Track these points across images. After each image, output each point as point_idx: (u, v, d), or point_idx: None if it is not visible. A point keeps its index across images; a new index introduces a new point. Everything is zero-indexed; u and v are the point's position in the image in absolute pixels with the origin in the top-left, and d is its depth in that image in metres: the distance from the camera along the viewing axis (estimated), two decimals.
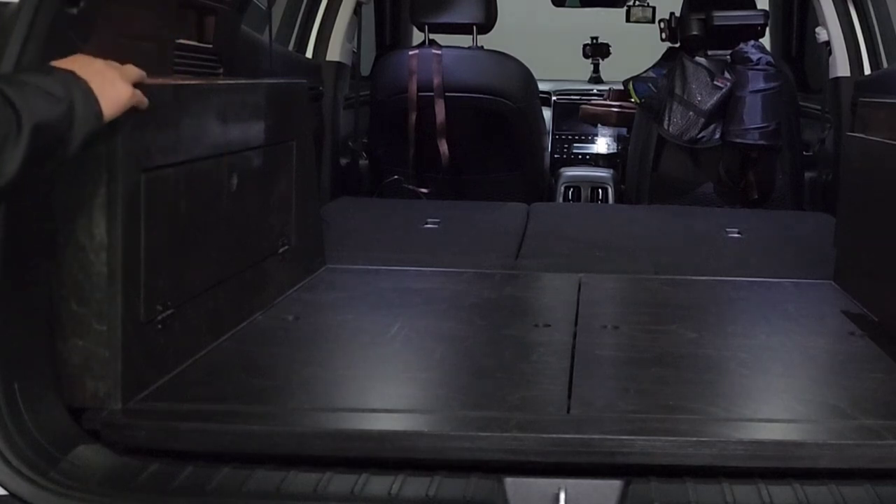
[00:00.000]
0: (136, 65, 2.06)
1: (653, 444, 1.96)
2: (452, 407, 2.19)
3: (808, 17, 5.70)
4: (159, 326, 2.25)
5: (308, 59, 4.72)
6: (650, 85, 5.18)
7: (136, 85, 2.04)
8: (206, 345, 2.48)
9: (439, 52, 5.00)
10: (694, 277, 3.41)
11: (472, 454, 1.97)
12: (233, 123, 2.68)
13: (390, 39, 6.23)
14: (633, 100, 5.34)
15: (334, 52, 4.82)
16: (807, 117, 5.12)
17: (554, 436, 1.99)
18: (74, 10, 2.05)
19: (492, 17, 5.10)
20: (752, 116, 4.79)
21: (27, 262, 1.98)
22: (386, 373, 2.47)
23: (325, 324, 2.85)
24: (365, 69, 5.58)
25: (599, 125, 6.28)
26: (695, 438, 1.98)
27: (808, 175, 4.94)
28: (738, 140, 4.83)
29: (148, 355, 2.20)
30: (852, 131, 3.53)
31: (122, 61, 2.03)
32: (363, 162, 5.20)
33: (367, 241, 3.89)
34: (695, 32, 5.18)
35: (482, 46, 5.16)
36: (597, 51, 7.12)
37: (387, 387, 2.39)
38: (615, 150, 6.31)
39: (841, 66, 4.53)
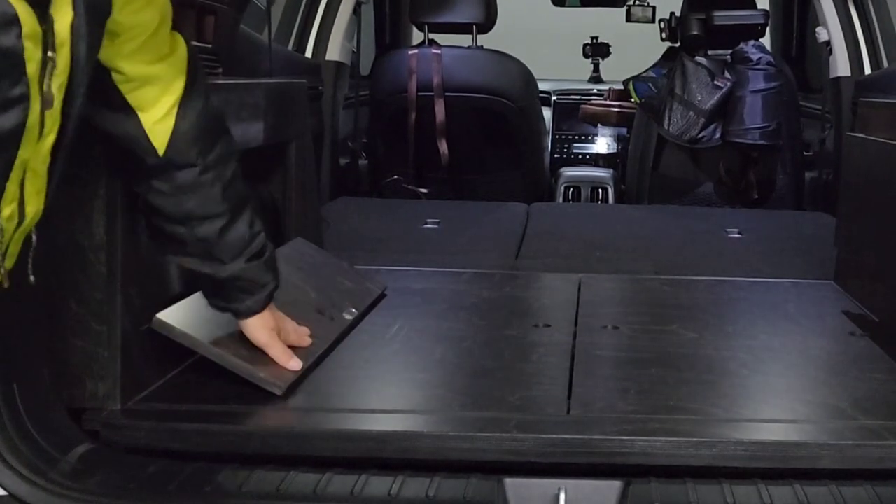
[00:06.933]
0: None
1: (653, 445, 1.95)
2: (452, 407, 2.19)
3: (808, 16, 5.70)
4: None
5: (307, 58, 4.71)
6: (650, 85, 5.18)
7: None
8: None
9: (439, 51, 5.00)
10: (694, 277, 3.41)
11: (472, 455, 1.96)
12: (232, 123, 2.65)
13: (390, 39, 6.22)
14: (633, 99, 5.34)
15: (334, 52, 4.82)
16: (807, 117, 5.12)
17: (554, 436, 1.98)
18: None
19: (492, 17, 5.10)
20: (753, 116, 4.79)
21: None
22: (385, 373, 2.46)
23: None
24: (365, 69, 5.58)
25: (599, 125, 6.28)
26: (695, 439, 1.98)
27: (808, 175, 4.94)
28: (739, 140, 4.83)
29: (147, 356, 2.19)
30: (853, 131, 3.52)
31: None
32: (362, 162, 5.20)
33: (367, 241, 3.89)
34: (695, 32, 5.18)
35: (482, 46, 5.16)
36: (597, 50, 7.12)
37: (386, 387, 2.39)
38: (615, 150, 6.31)
39: (841, 65, 4.53)
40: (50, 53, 1.48)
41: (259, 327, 2.23)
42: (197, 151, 2.00)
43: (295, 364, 2.26)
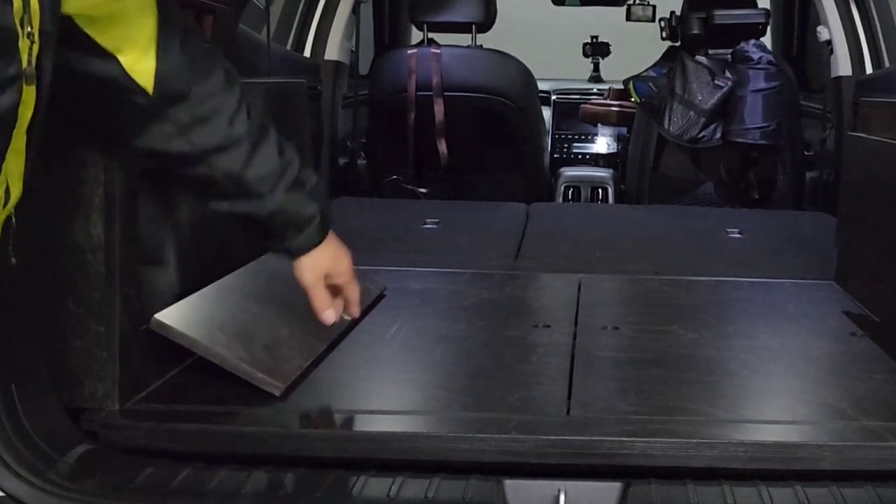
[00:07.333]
0: None
1: (653, 446, 1.95)
2: (451, 408, 2.18)
3: (809, 15, 5.69)
4: None
5: (306, 58, 4.71)
6: (650, 84, 5.17)
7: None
8: None
9: (438, 51, 4.99)
10: (694, 278, 3.40)
11: (472, 456, 1.96)
12: None
13: (389, 38, 6.22)
14: (633, 99, 5.33)
15: (332, 51, 4.81)
16: (808, 117, 5.11)
17: (553, 437, 1.98)
18: None
19: (491, 16, 5.09)
20: (753, 116, 4.78)
21: (25, 263, 1.97)
22: (385, 374, 2.46)
23: None
24: (364, 68, 5.57)
25: (599, 125, 6.27)
26: (695, 440, 1.97)
27: (809, 175, 4.93)
28: (739, 139, 4.82)
29: (146, 356, 2.19)
30: (854, 131, 3.52)
31: None
32: (361, 161, 5.19)
33: (367, 241, 3.87)
34: (695, 31, 5.18)
35: (481, 45, 5.16)
36: (597, 50, 7.12)
37: (385, 388, 2.39)
38: (615, 150, 6.30)
39: (842, 65, 4.52)
40: (30, 29, 1.46)
41: (308, 268, 2.12)
42: (187, 84, 1.94)
43: (329, 316, 2.17)
